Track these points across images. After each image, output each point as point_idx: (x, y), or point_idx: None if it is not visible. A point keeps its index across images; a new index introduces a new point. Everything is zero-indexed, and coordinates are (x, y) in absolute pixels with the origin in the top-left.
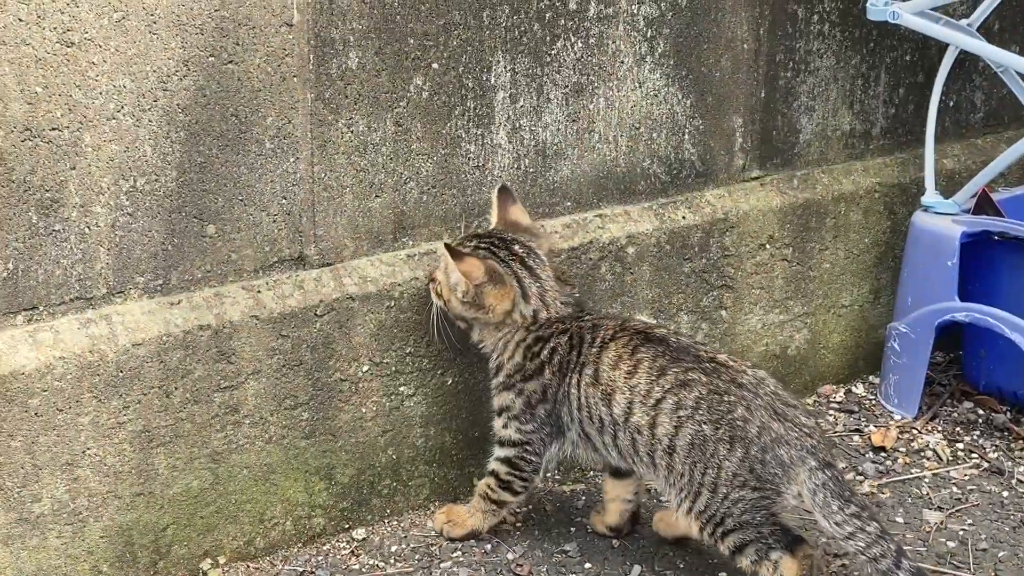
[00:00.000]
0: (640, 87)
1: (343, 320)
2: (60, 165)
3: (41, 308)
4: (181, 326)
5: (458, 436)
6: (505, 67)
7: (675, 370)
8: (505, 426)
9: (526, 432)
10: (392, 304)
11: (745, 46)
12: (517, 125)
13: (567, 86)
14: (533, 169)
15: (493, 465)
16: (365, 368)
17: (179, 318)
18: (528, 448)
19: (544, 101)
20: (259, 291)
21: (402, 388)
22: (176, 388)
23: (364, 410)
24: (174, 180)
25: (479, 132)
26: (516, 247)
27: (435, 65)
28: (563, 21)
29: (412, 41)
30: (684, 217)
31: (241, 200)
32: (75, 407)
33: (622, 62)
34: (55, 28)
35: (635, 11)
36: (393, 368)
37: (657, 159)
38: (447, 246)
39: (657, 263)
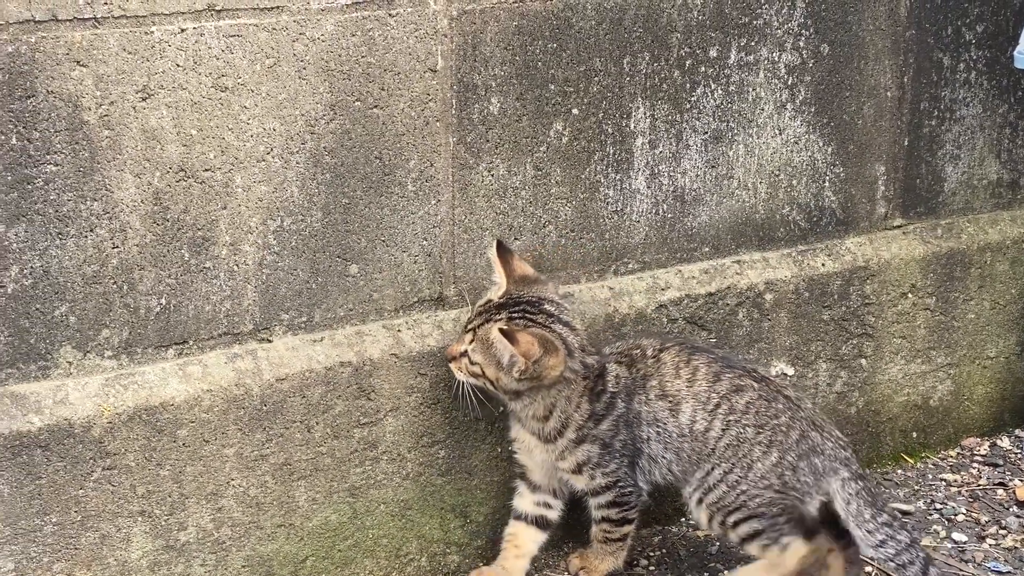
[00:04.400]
0: (780, 134)
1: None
2: (212, 205)
3: (191, 342)
4: (323, 362)
5: None
6: (644, 113)
7: (729, 375)
8: (592, 478)
9: (612, 472)
10: None
11: (888, 94)
12: (656, 171)
13: (706, 132)
14: (671, 214)
15: (600, 513)
16: (501, 408)
17: (321, 355)
18: (621, 484)
19: (683, 147)
20: (399, 330)
21: None
22: (317, 423)
23: (500, 449)
24: (319, 220)
25: (618, 177)
26: (546, 305)
27: (575, 111)
28: (703, 68)
29: (553, 87)
30: (824, 264)
31: (383, 241)
32: (221, 438)
33: (762, 109)
34: (210, 73)
35: (776, 58)
36: None
37: (797, 206)
38: (502, 331)
39: (795, 310)
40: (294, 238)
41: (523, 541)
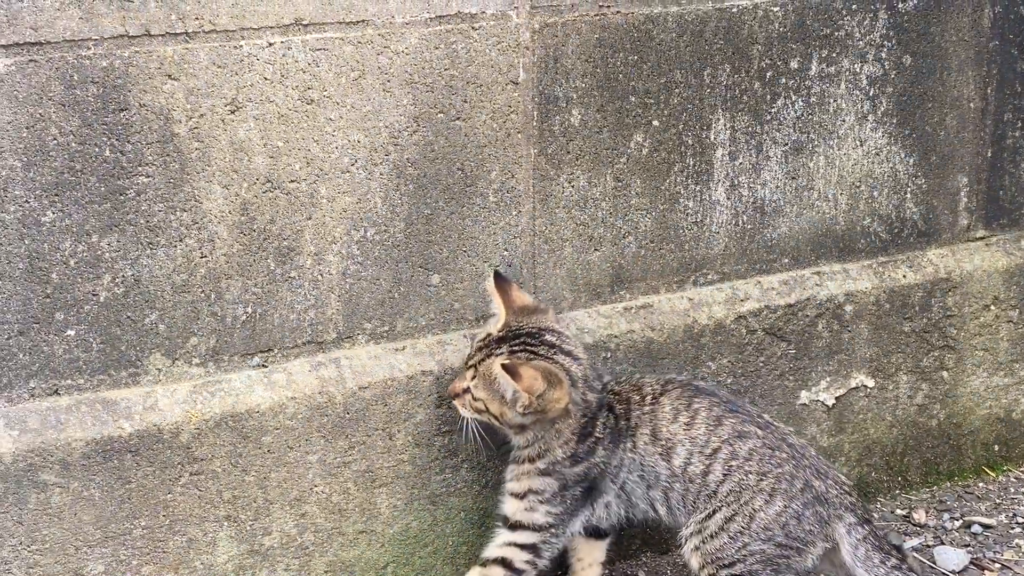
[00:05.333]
0: (861, 145)
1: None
2: (297, 215)
3: (276, 350)
4: (405, 371)
5: None
6: (725, 125)
7: (732, 421)
8: (531, 509)
9: (556, 515)
10: (608, 355)
11: (971, 105)
12: (736, 182)
13: (787, 144)
14: (751, 226)
15: (503, 552)
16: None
17: (403, 363)
18: (554, 531)
19: (763, 159)
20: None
21: None
22: (399, 431)
23: None
24: (402, 231)
25: (697, 188)
26: (547, 336)
27: (655, 123)
28: (784, 80)
29: (633, 99)
30: (905, 276)
31: (465, 251)
32: (304, 445)
33: (843, 120)
34: (297, 87)
35: (858, 70)
36: None
37: (877, 218)
38: (504, 367)
39: (876, 322)
40: (377, 248)
41: (585, 553)
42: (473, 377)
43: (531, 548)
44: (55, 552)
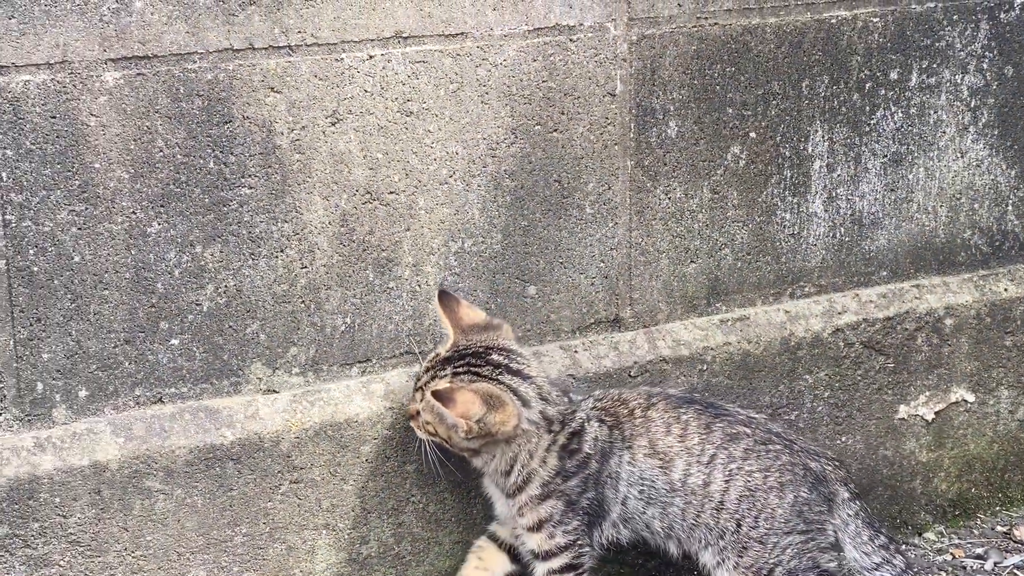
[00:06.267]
0: (962, 157)
1: (656, 382)
2: (396, 227)
3: (374, 360)
4: None
5: None
6: (823, 136)
7: (720, 425)
8: (551, 536)
9: (573, 530)
10: (704, 368)
11: None
12: (833, 194)
13: (886, 156)
14: (848, 238)
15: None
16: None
17: None
18: (580, 543)
19: (862, 170)
20: (576, 351)
21: None
22: None
23: None
24: (499, 242)
25: (795, 200)
26: (493, 355)
27: (752, 134)
28: (883, 91)
29: (731, 110)
30: (1006, 290)
31: (561, 263)
32: (402, 455)
33: (943, 132)
34: (396, 99)
35: (959, 81)
36: None
37: (978, 230)
38: (435, 394)
39: (976, 336)
40: (474, 259)
41: (489, 556)
42: (421, 400)
43: (569, 568)
44: (158, 558)
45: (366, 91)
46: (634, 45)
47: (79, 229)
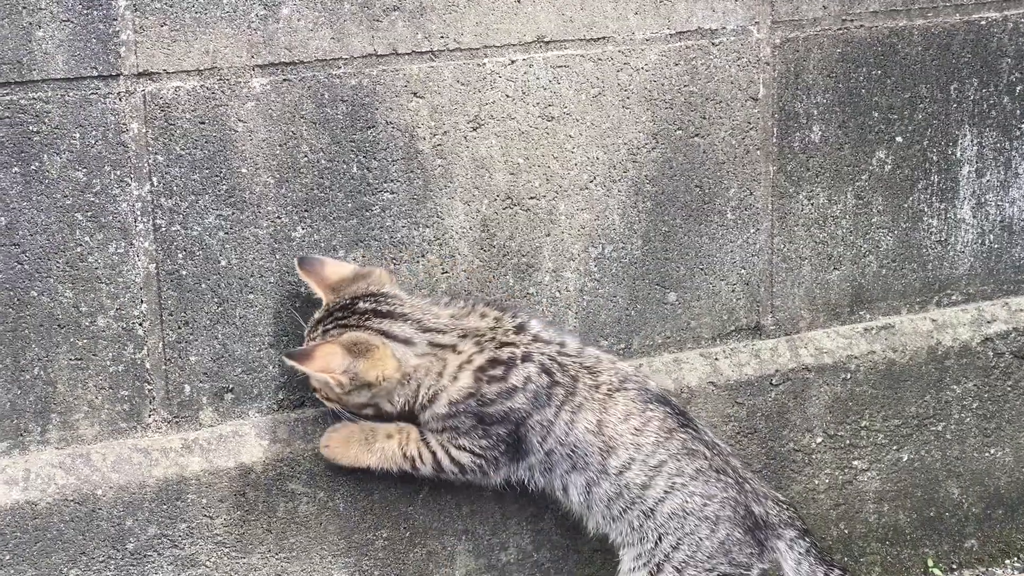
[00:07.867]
0: None
1: (798, 390)
2: (536, 232)
3: None
4: None
5: (912, 515)
6: (971, 141)
7: (683, 436)
8: (453, 439)
9: (482, 448)
10: (848, 377)
11: None
12: (982, 200)
13: None
14: (998, 245)
15: (436, 450)
16: (819, 440)
17: None
18: (482, 463)
19: (1012, 176)
20: (716, 358)
21: (856, 462)
22: None
23: (816, 482)
24: (639, 248)
25: (942, 206)
26: (360, 303)
27: (899, 139)
28: None
29: (876, 115)
30: None
31: (701, 269)
32: None
33: None
34: (537, 104)
35: None
36: (847, 441)
37: None
38: (289, 355)
39: None
40: (614, 265)
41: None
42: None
43: (457, 462)
44: (301, 560)
45: (507, 96)
46: (777, 48)
47: (226, 233)
